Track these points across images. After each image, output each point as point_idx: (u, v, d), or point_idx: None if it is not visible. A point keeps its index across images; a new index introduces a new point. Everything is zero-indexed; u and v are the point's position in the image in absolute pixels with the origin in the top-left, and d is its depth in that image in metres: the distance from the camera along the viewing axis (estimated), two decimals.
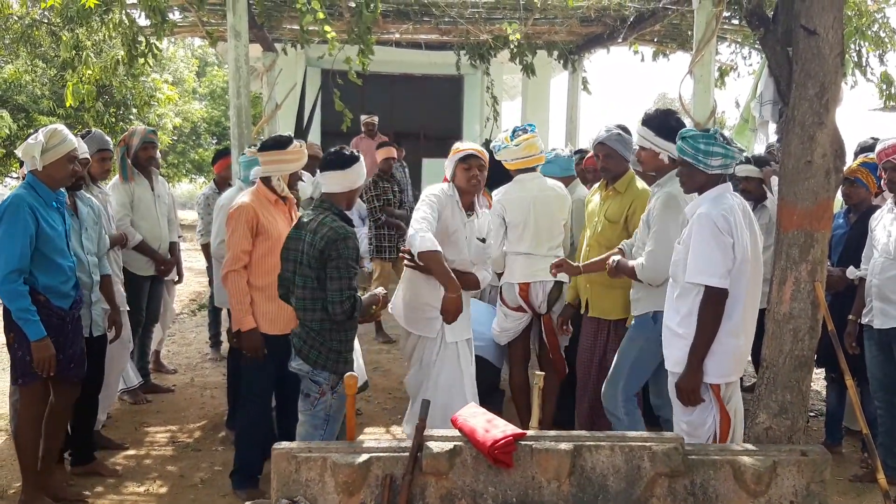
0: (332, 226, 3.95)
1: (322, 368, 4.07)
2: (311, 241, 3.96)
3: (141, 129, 6.49)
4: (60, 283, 4.36)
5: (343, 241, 3.92)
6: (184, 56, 20.38)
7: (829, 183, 3.55)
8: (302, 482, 3.33)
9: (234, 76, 6.96)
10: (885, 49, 7.78)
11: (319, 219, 4.01)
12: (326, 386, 4.09)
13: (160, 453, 5.49)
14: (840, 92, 3.58)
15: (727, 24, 8.37)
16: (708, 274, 3.72)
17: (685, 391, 3.84)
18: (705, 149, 3.84)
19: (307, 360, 4.07)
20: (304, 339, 4.08)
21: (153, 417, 6.23)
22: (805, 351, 3.59)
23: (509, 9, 8.23)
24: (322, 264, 3.95)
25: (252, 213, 4.59)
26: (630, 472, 3.35)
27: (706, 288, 3.73)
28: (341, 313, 3.97)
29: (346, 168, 4.12)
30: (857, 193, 5.33)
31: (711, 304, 3.74)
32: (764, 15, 3.85)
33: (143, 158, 6.33)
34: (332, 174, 4.14)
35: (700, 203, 3.89)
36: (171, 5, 7.67)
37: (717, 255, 3.71)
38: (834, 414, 5.65)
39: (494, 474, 3.34)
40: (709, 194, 3.89)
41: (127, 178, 6.19)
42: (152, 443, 5.71)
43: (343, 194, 4.16)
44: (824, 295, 3.60)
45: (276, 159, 4.66)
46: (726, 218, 3.74)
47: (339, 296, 3.94)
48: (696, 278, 3.77)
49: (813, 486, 3.38)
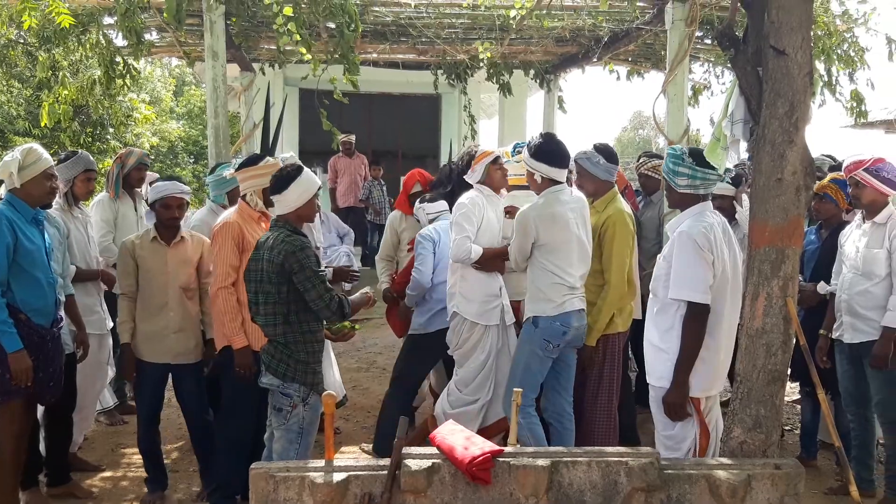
0: (287, 240, 4.03)
1: (291, 380, 4.10)
2: (269, 257, 4.02)
3: (138, 150, 6.54)
4: (39, 299, 4.35)
5: (301, 252, 4.00)
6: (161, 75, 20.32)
7: (800, 200, 3.60)
8: (280, 501, 3.32)
9: (212, 96, 6.95)
10: (854, 68, 7.90)
11: (274, 236, 4.09)
12: (297, 398, 4.11)
13: (137, 475, 5.43)
14: (809, 111, 3.63)
15: (700, 43, 8.48)
16: (691, 289, 3.80)
17: (672, 406, 3.90)
18: (673, 168, 4.02)
19: (276, 373, 4.10)
20: (272, 353, 4.12)
21: (130, 438, 6.14)
22: (778, 365, 3.62)
23: (485, 29, 8.29)
24: (283, 279, 4.01)
25: (237, 230, 4.66)
26: (607, 487, 3.37)
27: (689, 304, 3.80)
28: (332, 315, 4.09)
29: (284, 190, 4.15)
30: (827, 209, 5.39)
31: (695, 320, 3.82)
32: (734, 35, 3.91)
33: (135, 179, 6.36)
34: (275, 198, 4.20)
35: (681, 220, 4.00)
36: (148, 26, 7.67)
37: (699, 272, 3.79)
38: (808, 428, 5.70)
39: (473, 491, 3.35)
40: (689, 212, 4.00)
41: (118, 195, 6.18)
42: (129, 464, 5.66)
43: (292, 213, 4.20)
44: (796, 310, 3.64)
45: (250, 175, 4.76)
46: (706, 235, 3.82)
47: (321, 301, 4.02)
48: (679, 294, 3.84)
49: (787, 499, 3.41)
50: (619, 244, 4.92)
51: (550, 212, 4.73)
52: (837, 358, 5.08)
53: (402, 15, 7.88)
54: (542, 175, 4.81)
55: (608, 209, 5.02)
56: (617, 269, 4.91)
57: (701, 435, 3.95)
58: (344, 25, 6.63)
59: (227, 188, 5.59)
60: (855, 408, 5.03)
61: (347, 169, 12.31)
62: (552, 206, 4.75)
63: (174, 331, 4.86)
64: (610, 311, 4.93)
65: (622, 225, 4.94)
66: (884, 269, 4.75)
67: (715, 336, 3.89)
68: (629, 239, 4.99)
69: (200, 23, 7.14)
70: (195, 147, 23.28)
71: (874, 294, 4.78)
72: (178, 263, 4.88)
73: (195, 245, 5.02)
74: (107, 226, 6.09)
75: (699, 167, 3.96)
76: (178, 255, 4.90)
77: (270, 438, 4.32)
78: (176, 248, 4.90)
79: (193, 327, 4.99)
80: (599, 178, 5.08)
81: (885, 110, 19.20)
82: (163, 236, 4.91)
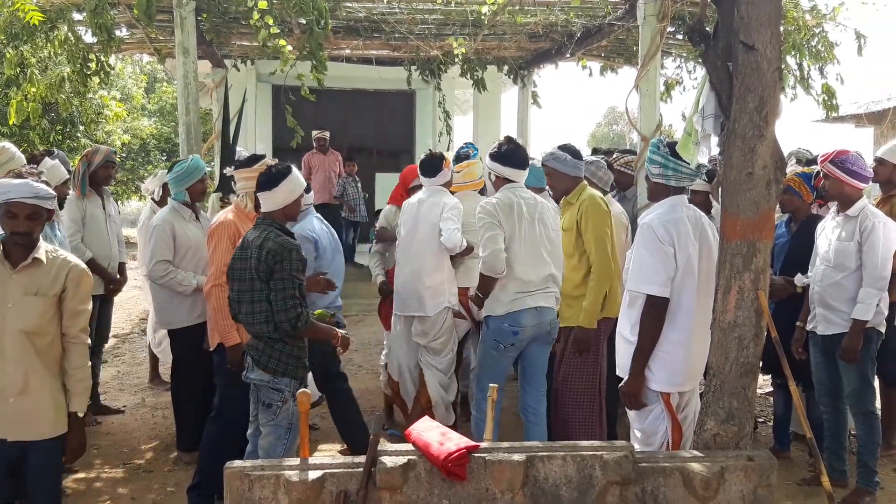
0: (277, 240, 4.02)
1: (283, 375, 4.08)
2: (258, 256, 3.99)
3: (105, 148, 6.44)
4: None
5: (289, 253, 3.99)
6: (132, 72, 20.09)
7: (770, 194, 3.62)
8: (255, 500, 3.30)
9: (183, 93, 6.91)
10: (824, 62, 7.98)
11: (263, 235, 4.06)
12: (288, 393, 4.09)
13: (111, 475, 5.40)
14: (779, 105, 3.65)
15: (672, 39, 8.53)
16: (647, 282, 3.84)
17: (627, 395, 3.96)
18: (650, 157, 4.09)
19: (266, 368, 4.08)
20: (262, 349, 4.08)
21: (103, 439, 6.12)
22: (750, 358, 3.65)
23: (458, 25, 8.29)
24: (270, 275, 3.99)
25: (234, 228, 4.71)
26: (582, 481, 3.38)
27: (647, 296, 3.85)
28: (286, 321, 3.98)
29: (274, 188, 4.17)
30: (791, 202, 5.44)
31: (651, 312, 3.85)
32: (704, 31, 3.93)
33: (102, 177, 6.29)
34: (263, 195, 4.20)
35: (650, 212, 4.05)
36: (118, 22, 7.59)
37: (658, 264, 3.82)
38: (781, 419, 5.76)
39: (448, 487, 3.35)
40: (660, 204, 4.05)
41: (84, 194, 6.11)
42: (102, 465, 5.61)
43: (279, 211, 4.22)
44: (768, 303, 3.68)
45: (244, 176, 4.82)
46: (667, 228, 3.86)
47: (283, 304, 3.97)
48: (636, 287, 3.90)
49: (760, 490, 3.44)
50: (594, 225, 5.01)
51: (508, 203, 4.90)
52: (811, 350, 5.14)
53: (374, 11, 7.86)
54: (502, 175, 5.04)
55: (581, 198, 5.16)
56: (599, 249, 4.99)
57: (672, 430, 3.98)
58: (314, 22, 6.60)
59: (185, 184, 5.51)
60: (828, 399, 5.08)
61: (322, 165, 12.24)
62: (510, 198, 4.93)
63: (14, 394, 3.52)
64: (601, 291, 4.97)
65: (594, 207, 5.06)
66: (854, 262, 4.80)
67: (681, 330, 3.91)
68: (604, 218, 5.07)
69: (171, 19, 7.10)
70: (167, 144, 23.03)
71: (845, 287, 4.83)
72: (22, 296, 3.52)
73: (57, 271, 3.60)
74: (74, 225, 6.03)
75: (671, 157, 3.99)
76: (25, 283, 3.53)
77: (255, 434, 4.31)
78: (24, 274, 3.54)
79: (48, 390, 3.60)
80: (569, 174, 5.22)
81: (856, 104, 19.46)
82: (9, 254, 3.58)
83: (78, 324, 3.65)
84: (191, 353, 5.51)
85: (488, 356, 4.97)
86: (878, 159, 5.48)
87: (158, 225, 5.45)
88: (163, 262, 5.36)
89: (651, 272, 3.83)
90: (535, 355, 4.99)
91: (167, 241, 5.40)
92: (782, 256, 5.48)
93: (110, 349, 8.78)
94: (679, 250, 3.85)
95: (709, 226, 4.09)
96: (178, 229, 5.45)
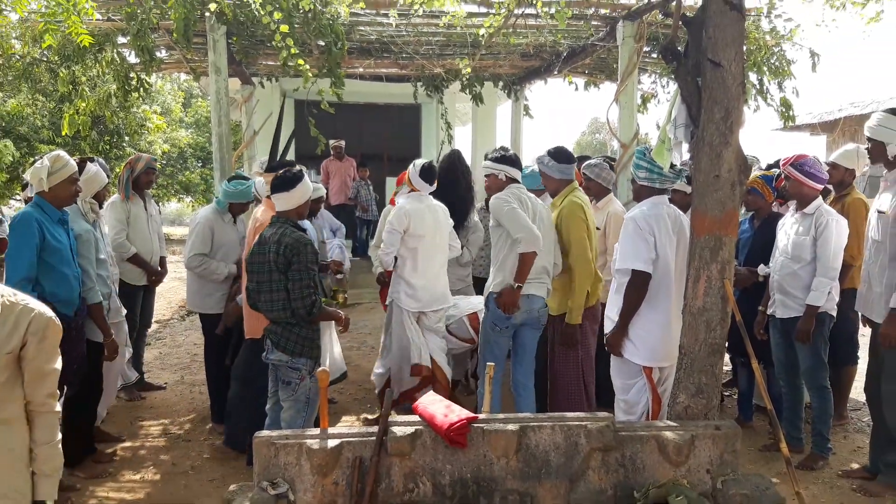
0: (293, 236, 4.04)
1: (299, 356, 4.10)
2: (276, 250, 4.01)
3: (146, 156, 6.42)
4: (66, 291, 4.31)
5: (304, 247, 4.02)
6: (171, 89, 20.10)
7: (735, 194, 3.62)
8: (281, 466, 3.31)
9: (216, 107, 6.91)
10: (782, 78, 7.97)
11: (280, 231, 4.08)
12: (305, 371, 4.12)
13: (153, 444, 5.41)
14: (742, 116, 3.64)
15: (648, 58, 8.51)
16: (633, 259, 3.95)
17: (610, 342, 4.12)
18: (636, 163, 4.20)
19: (284, 350, 4.10)
20: (280, 333, 4.10)
21: (147, 412, 6.14)
22: (717, 339, 3.65)
23: (459, 45, 8.28)
24: (288, 268, 4.01)
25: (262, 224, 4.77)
26: (569, 447, 3.39)
27: (632, 272, 3.94)
28: (302, 308, 4.01)
29: (290, 189, 4.19)
30: (755, 201, 5.44)
31: (636, 282, 3.95)
32: (676, 50, 3.92)
33: (144, 181, 6.27)
34: (279, 196, 4.20)
35: (636, 208, 4.18)
36: (158, 45, 7.59)
37: (640, 246, 3.95)
38: (745, 393, 5.75)
39: (451, 454, 3.36)
40: (643, 203, 4.17)
41: (128, 197, 6.11)
42: (146, 435, 5.62)
43: (293, 210, 4.23)
44: (733, 290, 3.67)
45: None
46: (648, 221, 3.98)
47: (300, 293, 4.00)
48: (624, 264, 4.01)
49: (726, 455, 3.44)
50: (574, 230, 4.94)
51: (518, 196, 4.84)
52: (771, 331, 5.13)
53: (384, 33, 7.85)
54: (505, 174, 4.95)
55: (563, 203, 5.07)
56: (578, 251, 4.92)
57: (653, 401, 4.02)
58: (332, 44, 6.61)
59: (238, 200, 5.60)
60: (786, 375, 5.07)
61: (338, 171, 12.25)
62: (517, 194, 4.87)
63: None
64: (583, 291, 4.93)
65: (570, 216, 4.95)
66: (809, 255, 4.79)
67: (661, 312, 3.96)
68: (581, 223, 4.95)
69: (205, 42, 7.09)
70: (202, 152, 23.01)
71: (801, 276, 4.83)
72: None
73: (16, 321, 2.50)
74: (119, 224, 6.03)
75: (655, 164, 4.11)
76: None
77: (274, 408, 4.33)
78: None
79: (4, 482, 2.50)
80: (554, 177, 5.12)
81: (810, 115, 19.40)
82: None
83: (44, 388, 2.57)
84: (220, 337, 5.53)
85: (488, 335, 4.95)
86: (830, 164, 5.46)
87: (200, 223, 5.55)
88: (199, 255, 5.45)
89: (635, 253, 3.95)
90: (526, 339, 4.96)
91: (205, 237, 5.49)
92: (746, 249, 5.47)
93: (153, 333, 8.80)
94: (658, 240, 3.94)
95: (686, 223, 4.11)
96: (218, 229, 5.56)
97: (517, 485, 3.35)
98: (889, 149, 4.38)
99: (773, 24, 7.47)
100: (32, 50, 7.80)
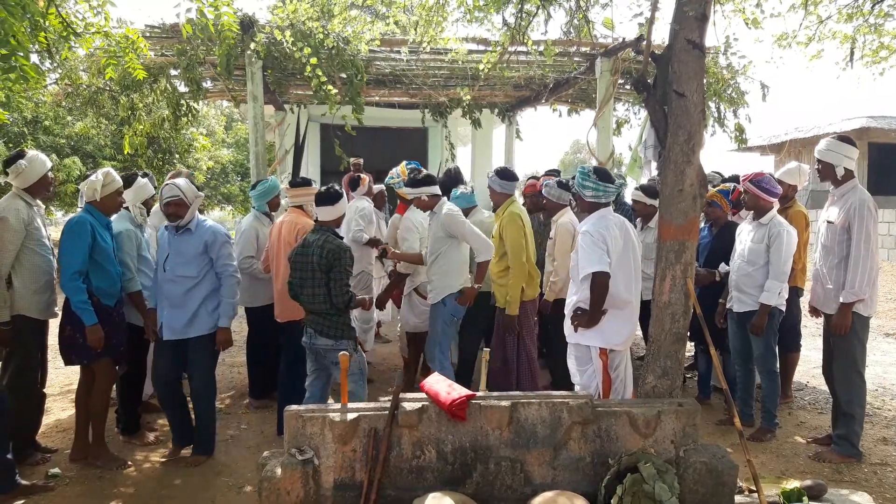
0: (335, 243, 4.15)
1: (342, 338, 4.18)
2: (320, 254, 4.10)
3: (185, 171, 6.44)
4: (110, 286, 4.35)
5: (343, 254, 4.11)
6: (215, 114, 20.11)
7: (696, 205, 3.62)
8: (307, 435, 3.31)
9: (253, 129, 6.91)
10: (737, 106, 7.95)
11: (323, 238, 4.17)
12: (351, 350, 4.16)
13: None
14: (702, 138, 3.64)
15: (622, 89, 8.50)
16: (592, 264, 3.87)
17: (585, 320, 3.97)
18: (582, 183, 4.09)
19: (329, 335, 4.17)
20: (323, 322, 4.18)
21: None
22: (680, 329, 3.64)
23: (460, 77, 8.29)
24: (329, 268, 4.09)
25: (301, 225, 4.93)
26: (553, 421, 3.38)
27: (593, 274, 3.86)
28: (341, 302, 4.12)
29: (334, 204, 4.30)
30: (714, 212, 5.45)
31: (599, 283, 3.88)
32: (646, 82, 3.92)
33: None
34: (324, 208, 4.29)
35: (586, 222, 4.08)
36: (204, 76, 7.61)
37: (597, 252, 3.87)
38: (704, 376, 5.75)
39: (453, 426, 3.36)
40: (593, 216, 4.08)
41: None
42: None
43: (333, 220, 4.33)
44: (694, 288, 3.67)
45: (304, 193, 5.10)
46: (600, 231, 3.92)
47: (340, 290, 4.11)
48: (584, 270, 3.92)
49: (688, 428, 3.43)
50: (511, 237, 4.97)
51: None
52: (729, 323, 5.13)
53: (397, 67, 7.87)
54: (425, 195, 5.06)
55: (504, 214, 5.10)
56: (514, 254, 4.95)
57: (603, 382, 3.99)
58: (353, 76, 6.65)
59: (267, 199, 5.64)
60: (740, 361, 5.07)
61: None
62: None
63: None
64: (518, 287, 4.96)
65: (510, 223, 5.00)
66: (763, 259, 4.79)
67: (615, 306, 3.94)
68: (519, 230, 4.99)
69: (244, 74, 7.09)
70: (241, 168, 23.02)
71: (755, 277, 4.83)
72: None
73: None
74: None
75: (601, 182, 4.04)
76: None
77: (311, 385, 4.35)
78: None
79: None
80: (496, 191, 5.19)
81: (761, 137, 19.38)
82: None
83: None
84: (261, 326, 5.53)
85: (446, 327, 5.05)
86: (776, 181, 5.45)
87: (245, 230, 5.59)
88: (248, 257, 5.48)
89: (596, 258, 3.86)
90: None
91: (251, 241, 5.53)
92: (705, 253, 5.47)
93: None
94: (611, 246, 3.89)
95: (630, 228, 4.12)
96: (260, 233, 5.57)
97: (509, 452, 3.35)
98: (837, 170, 4.40)
99: (729, 61, 7.48)
100: (97, 80, 7.82)
